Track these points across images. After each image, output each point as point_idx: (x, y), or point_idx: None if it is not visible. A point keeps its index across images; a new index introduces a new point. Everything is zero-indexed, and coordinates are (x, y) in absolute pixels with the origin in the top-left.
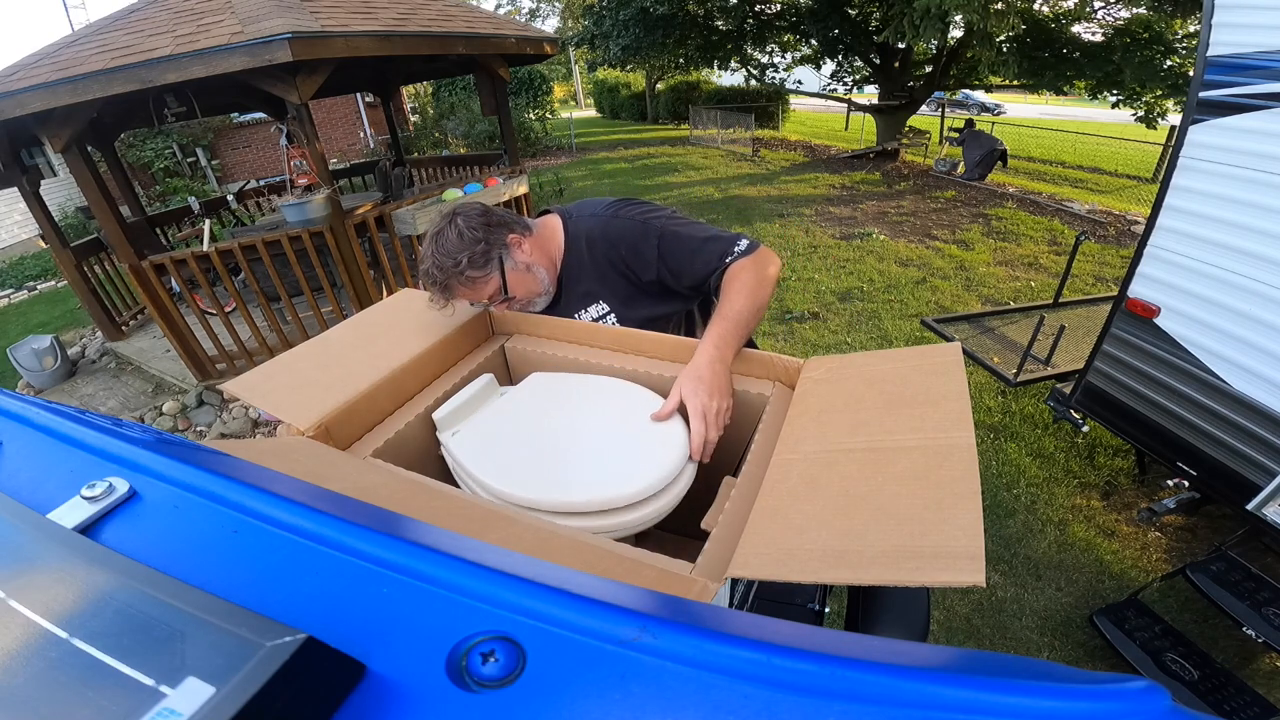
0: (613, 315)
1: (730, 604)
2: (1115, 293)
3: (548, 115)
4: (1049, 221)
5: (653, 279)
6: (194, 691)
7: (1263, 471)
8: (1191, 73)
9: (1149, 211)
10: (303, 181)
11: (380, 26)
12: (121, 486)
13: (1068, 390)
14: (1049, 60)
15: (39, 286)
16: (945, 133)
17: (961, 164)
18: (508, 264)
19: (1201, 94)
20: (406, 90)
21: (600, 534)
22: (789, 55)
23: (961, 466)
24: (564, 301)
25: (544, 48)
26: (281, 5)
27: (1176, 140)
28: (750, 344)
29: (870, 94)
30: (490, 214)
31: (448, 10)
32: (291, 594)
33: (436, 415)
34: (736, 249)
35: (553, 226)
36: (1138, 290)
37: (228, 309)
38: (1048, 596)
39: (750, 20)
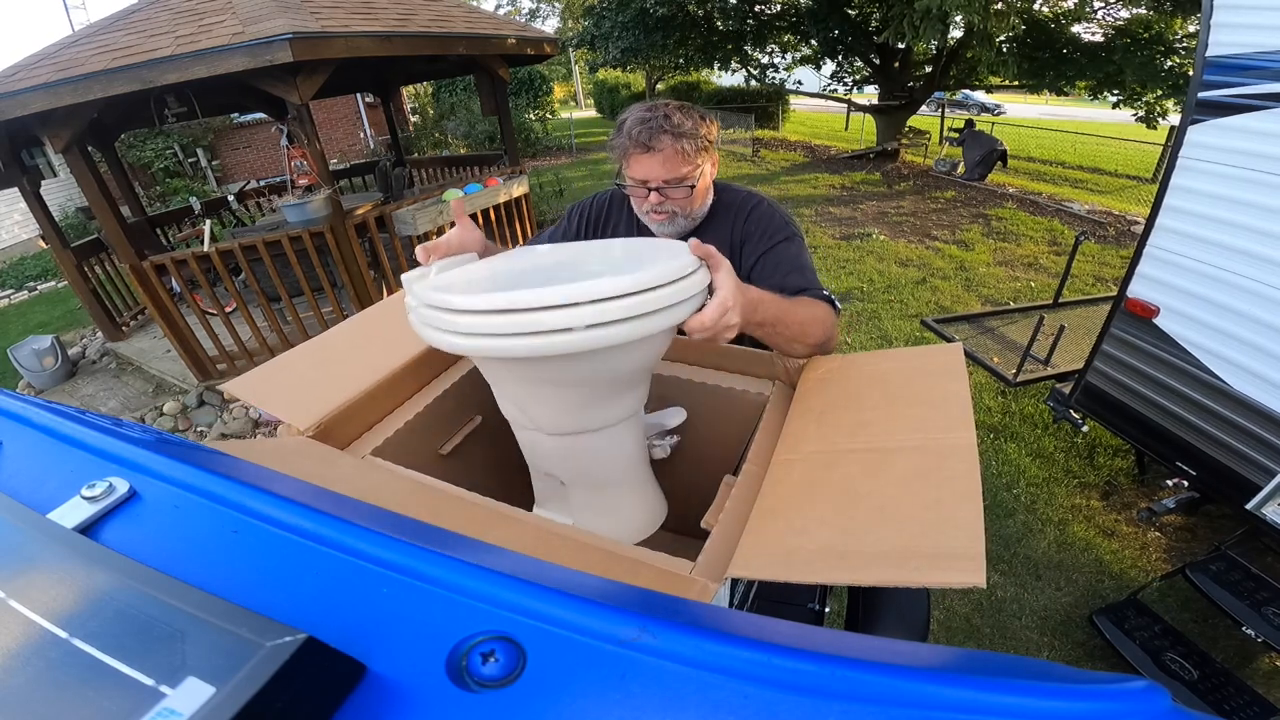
0: None
1: (730, 604)
2: (1115, 293)
3: (548, 115)
4: (1049, 222)
5: (748, 264)
6: (194, 691)
7: (1262, 471)
8: (1191, 73)
9: (1148, 212)
10: (303, 182)
11: (381, 27)
12: (121, 486)
13: (1067, 390)
14: (1049, 60)
15: (39, 287)
16: (945, 133)
17: (961, 164)
18: (708, 172)
19: (1201, 94)
20: (407, 90)
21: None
22: (789, 55)
23: (962, 467)
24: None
25: (544, 48)
26: (282, 6)
27: (1176, 140)
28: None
29: (870, 94)
30: (706, 119)
31: (448, 11)
32: (291, 594)
33: (405, 276)
34: (828, 294)
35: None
36: (1137, 290)
37: (228, 309)
38: (1047, 596)
39: (750, 20)
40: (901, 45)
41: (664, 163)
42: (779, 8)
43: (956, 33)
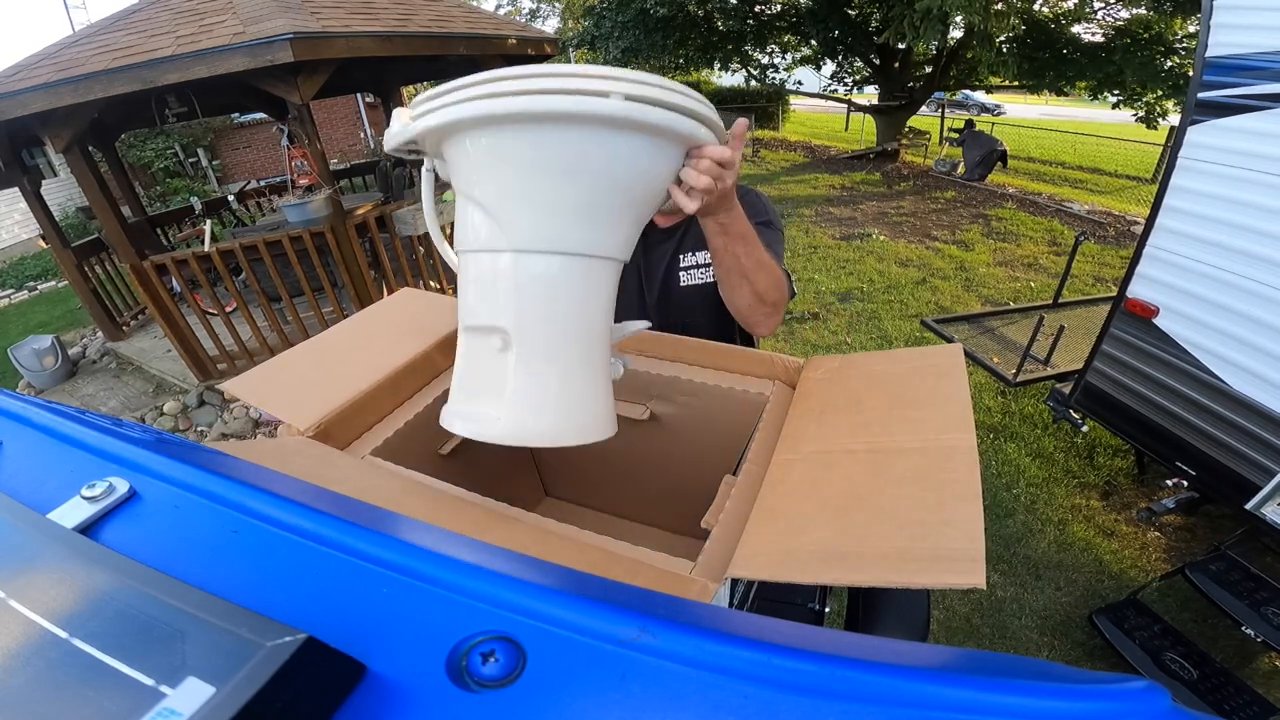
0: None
1: (730, 604)
2: (1114, 293)
3: None
4: (1049, 222)
5: None
6: (194, 691)
7: (1261, 471)
8: (1191, 73)
9: (1148, 212)
10: (303, 182)
11: (381, 27)
12: (121, 486)
13: (1067, 390)
14: (1049, 61)
15: (40, 286)
16: (945, 133)
17: (961, 164)
18: None
19: (1200, 95)
20: (407, 91)
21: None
22: (789, 56)
23: (962, 468)
24: (689, 235)
25: (544, 48)
26: (283, 6)
27: (1176, 141)
28: (749, 343)
29: (870, 94)
30: None
31: (448, 11)
32: (291, 594)
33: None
34: (788, 273)
35: None
36: (1137, 290)
37: (228, 309)
38: (1047, 596)
39: (750, 20)
40: (901, 45)
41: None
42: (779, 8)
43: (956, 33)
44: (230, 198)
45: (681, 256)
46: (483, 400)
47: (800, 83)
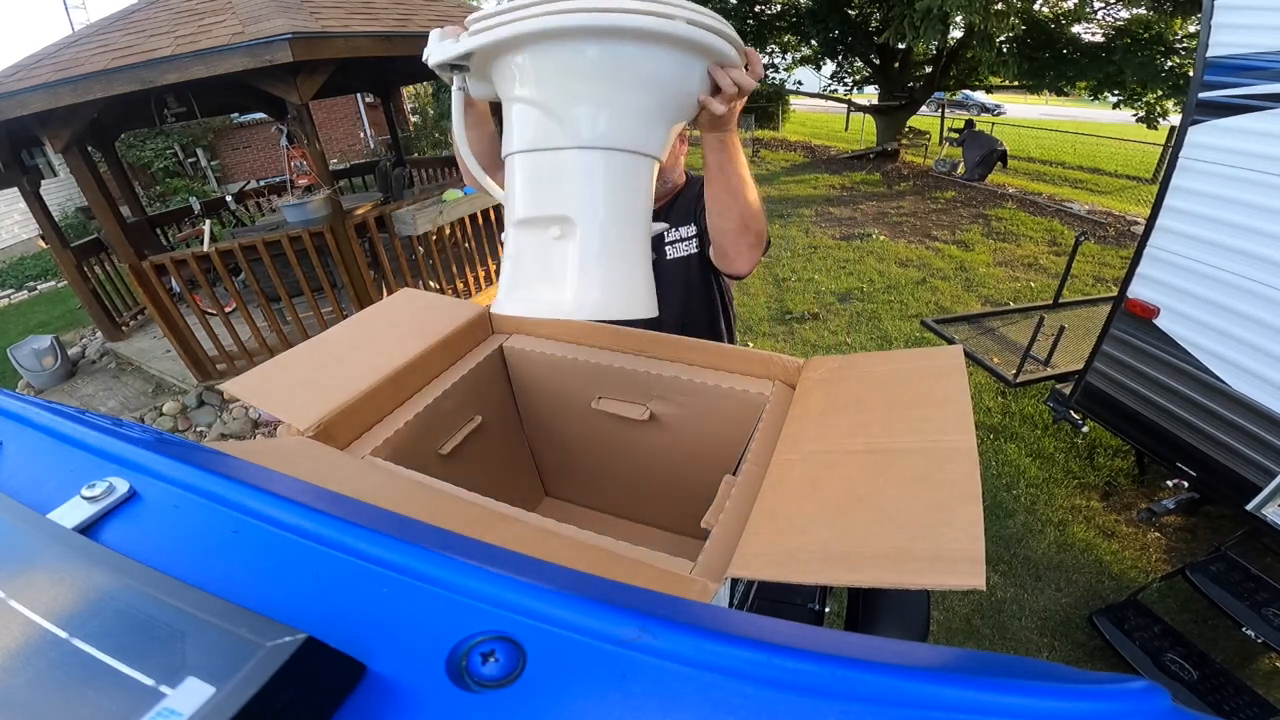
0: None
1: (730, 604)
2: (1115, 293)
3: None
4: (1049, 222)
5: None
6: (194, 691)
7: (1262, 472)
8: (1191, 73)
9: (1149, 212)
10: (303, 182)
11: (381, 27)
12: (121, 486)
13: (1067, 391)
14: (1049, 61)
15: (39, 286)
16: (945, 133)
17: (961, 164)
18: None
19: (1201, 95)
20: (407, 90)
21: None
22: (789, 56)
23: (962, 469)
24: (674, 210)
25: None
26: (282, 5)
27: (1176, 141)
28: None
29: (870, 94)
30: None
31: (448, 11)
32: (291, 594)
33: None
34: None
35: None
36: (1137, 291)
37: (228, 309)
38: (1047, 597)
39: (750, 21)
40: (902, 45)
41: None
42: (779, 8)
43: (956, 33)
44: (229, 198)
45: (666, 233)
46: (538, 286)
47: (800, 83)
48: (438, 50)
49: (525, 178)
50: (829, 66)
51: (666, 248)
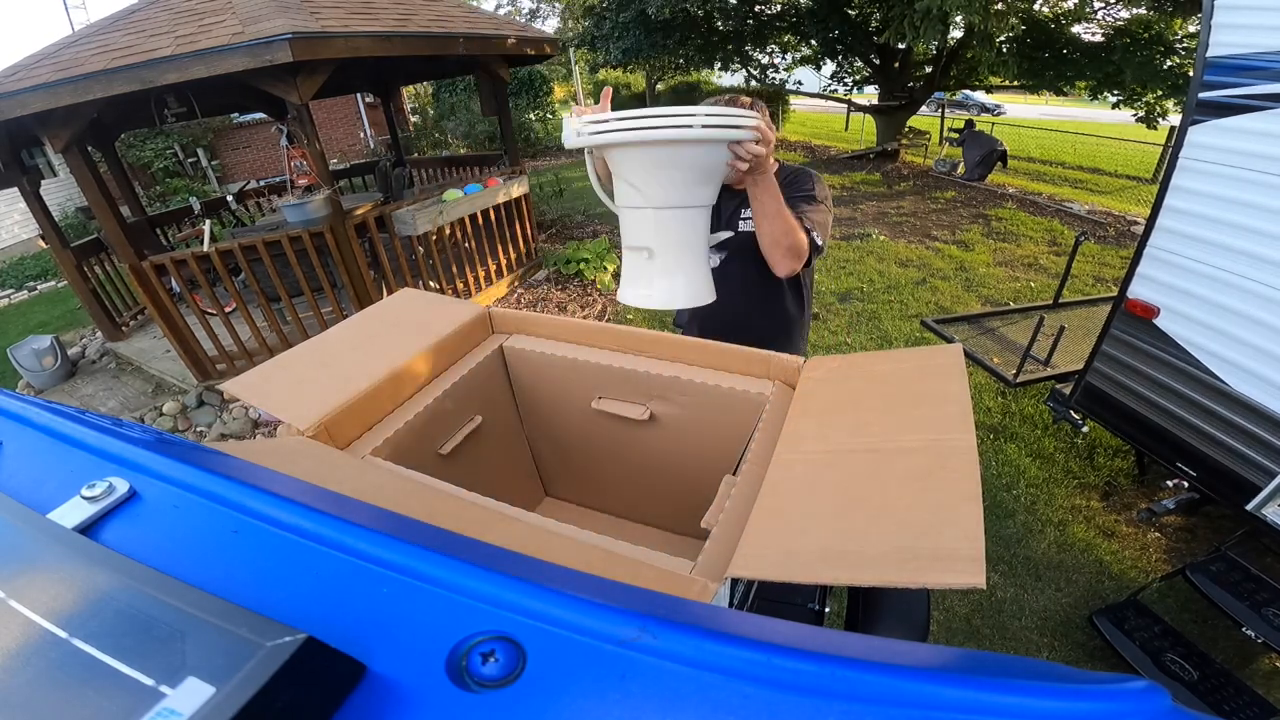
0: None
1: (730, 604)
2: (1115, 293)
3: (548, 116)
4: (1049, 222)
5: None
6: (194, 691)
7: (1262, 472)
8: (1191, 73)
9: (1148, 212)
10: (303, 182)
11: (381, 27)
12: (121, 486)
13: (1067, 391)
14: (1049, 61)
15: (39, 286)
16: (945, 133)
17: (961, 164)
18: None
19: (1201, 95)
20: (407, 90)
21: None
22: (789, 56)
23: (962, 468)
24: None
25: (544, 48)
26: (282, 5)
27: (1176, 141)
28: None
29: (870, 94)
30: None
31: (448, 11)
32: (291, 594)
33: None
34: (815, 236)
35: None
36: (1137, 291)
37: (228, 309)
38: (1047, 597)
39: (750, 20)
40: (901, 45)
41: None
42: (779, 8)
43: (956, 33)
44: (229, 198)
45: (742, 210)
46: (639, 286)
47: (800, 83)
48: (566, 140)
49: (624, 222)
50: (829, 66)
51: (741, 221)
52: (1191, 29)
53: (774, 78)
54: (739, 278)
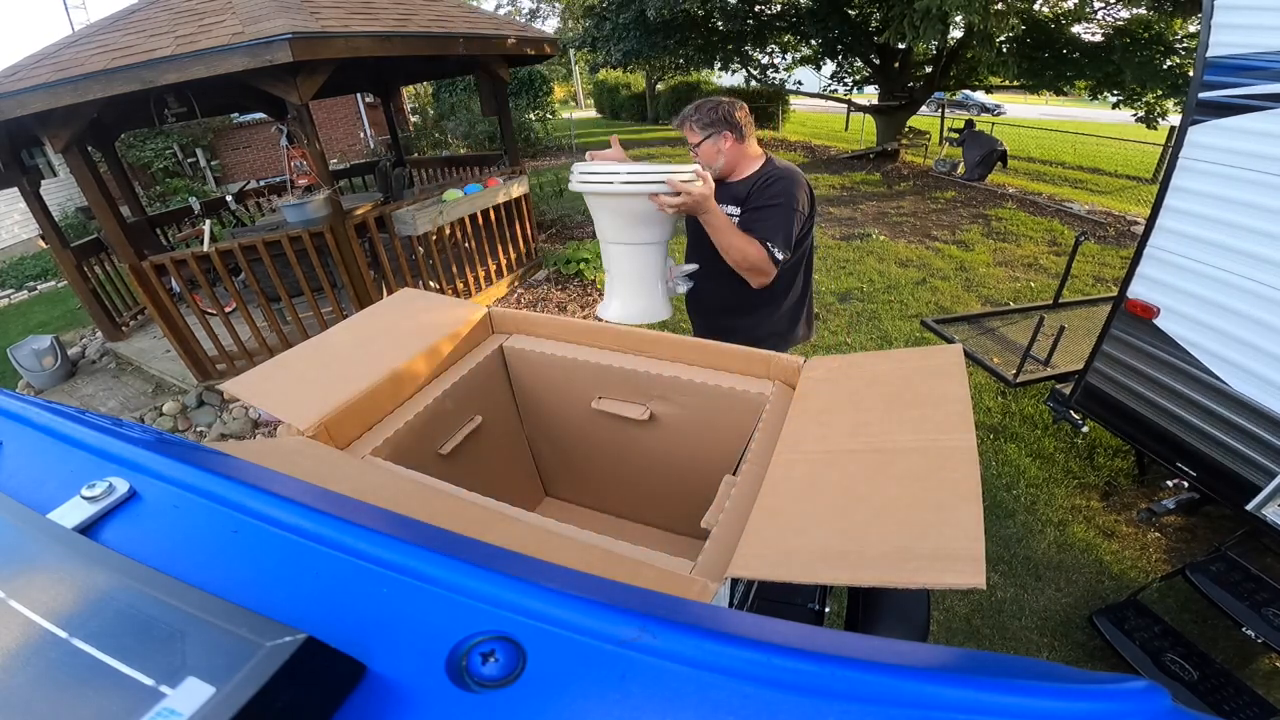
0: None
1: (730, 604)
2: (1115, 293)
3: (548, 116)
4: (1049, 222)
5: (745, 209)
6: (194, 691)
7: (1262, 472)
8: (1191, 73)
9: (1149, 212)
10: (303, 182)
11: (381, 27)
12: (121, 486)
13: (1067, 391)
14: (1049, 60)
15: (39, 286)
16: (945, 133)
17: (961, 164)
18: (709, 140)
19: (1201, 95)
20: (407, 90)
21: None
22: (789, 56)
23: (962, 468)
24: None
25: (544, 48)
26: (282, 6)
27: (1176, 141)
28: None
29: (870, 94)
30: (737, 115)
31: (448, 11)
32: (291, 594)
33: (577, 165)
34: (771, 248)
35: (756, 155)
36: (1137, 291)
37: (228, 309)
38: (1047, 597)
39: (750, 21)
40: (901, 45)
41: (685, 135)
42: (779, 8)
43: (956, 33)
44: (229, 198)
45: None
46: (606, 301)
47: (800, 83)
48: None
49: (602, 249)
50: (829, 66)
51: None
52: (1191, 29)
53: (774, 78)
54: (727, 276)
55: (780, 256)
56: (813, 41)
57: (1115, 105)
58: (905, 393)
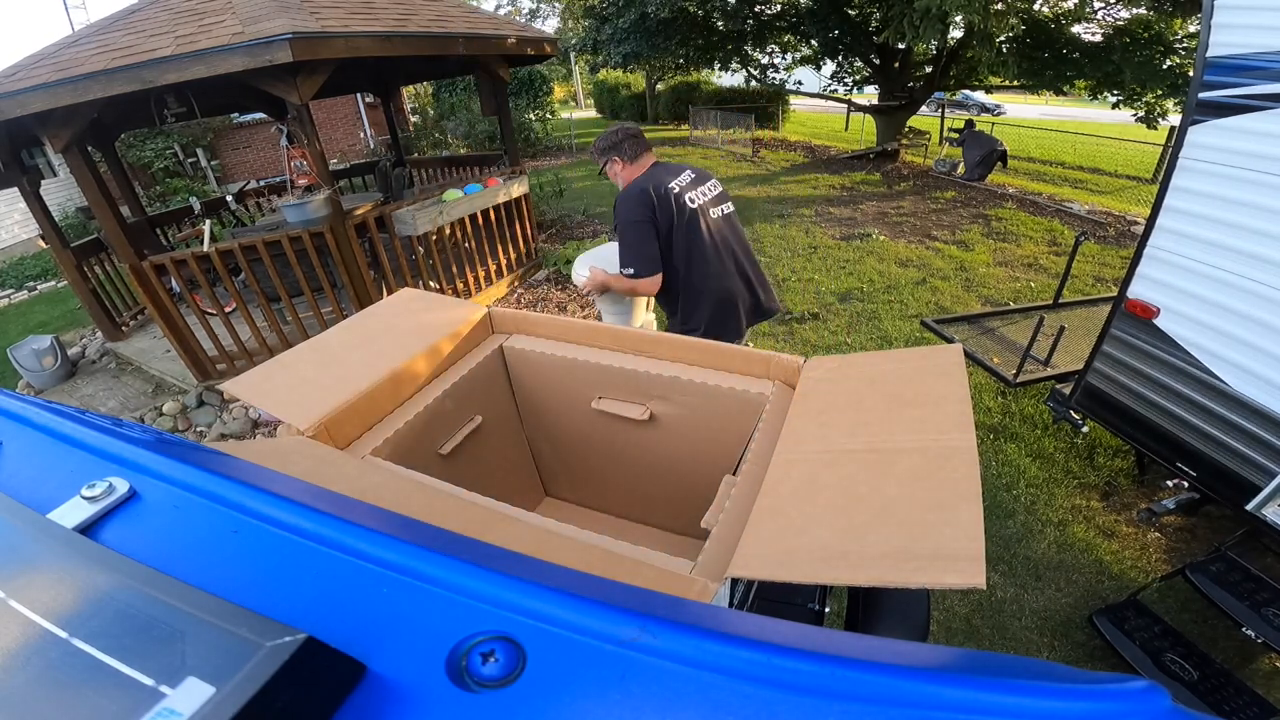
0: None
1: (730, 604)
2: (1115, 293)
3: (548, 116)
4: (1049, 222)
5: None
6: (194, 691)
7: (1262, 472)
8: (1191, 73)
9: (1148, 212)
10: (303, 182)
11: (381, 27)
12: (121, 486)
13: (1067, 391)
14: (1049, 60)
15: (39, 286)
16: (945, 133)
17: (961, 164)
18: (606, 167)
19: (1201, 95)
20: (407, 90)
21: None
22: (789, 56)
23: (962, 468)
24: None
25: (544, 48)
26: (282, 5)
27: (1176, 141)
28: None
29: (870, 94)
30: (622, 141)
31: (448, 11)
32: (291, 594)
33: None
34: (625, 270)
35: (645, 165)
36: (1137, 291)
37: (228, 309)
38: (1047, 597)
39: (750, 21)
40: (901, 45)
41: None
42: (779, 8)
43: (956, 33)
44: (229, 198)
45: (711, 209)
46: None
47: (800, 83)
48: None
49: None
50: (829, 66)
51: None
52: (1191, 29)
53: (774, 78)
54: (659, 298)
55: (629, 273)
56: (813, 41)
57: (1115, 105)
58: (905, 393)
